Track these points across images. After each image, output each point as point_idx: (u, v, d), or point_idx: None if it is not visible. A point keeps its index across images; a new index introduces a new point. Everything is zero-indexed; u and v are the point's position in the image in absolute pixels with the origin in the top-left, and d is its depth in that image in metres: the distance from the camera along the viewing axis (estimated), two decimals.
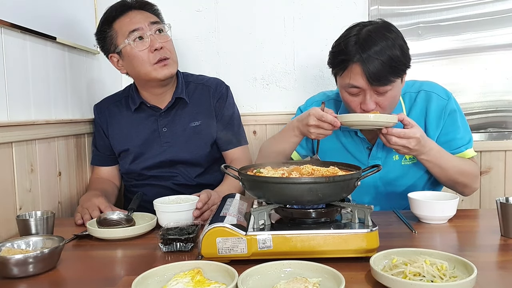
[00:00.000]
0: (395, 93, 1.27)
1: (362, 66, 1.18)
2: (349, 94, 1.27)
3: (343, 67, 1.23)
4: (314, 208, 0.95)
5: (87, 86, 1.76)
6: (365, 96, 1.24)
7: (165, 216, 1.17)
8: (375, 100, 1.24)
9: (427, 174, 1.41)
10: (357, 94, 1.26)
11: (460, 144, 1.37)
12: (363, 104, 1.25)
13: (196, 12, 2.05)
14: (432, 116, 1.37)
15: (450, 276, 0.76)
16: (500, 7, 1.90)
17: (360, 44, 1.19)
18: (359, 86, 1.22)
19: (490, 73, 1.94)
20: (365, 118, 1.17)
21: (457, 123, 1.38)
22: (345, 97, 1.30)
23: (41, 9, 1.44)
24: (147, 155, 1.60)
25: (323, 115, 1.18)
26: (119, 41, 1.49)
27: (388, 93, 1.23)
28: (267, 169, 1.07)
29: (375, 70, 1.17)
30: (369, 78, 1.18)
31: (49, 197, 1.46)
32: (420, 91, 1.40)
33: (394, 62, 1.19)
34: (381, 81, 1.19)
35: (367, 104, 1.23)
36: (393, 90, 1.24)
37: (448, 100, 1.38)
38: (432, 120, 1.37)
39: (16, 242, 0.97)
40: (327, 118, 1.18)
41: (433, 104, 1.37)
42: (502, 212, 1.04)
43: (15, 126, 1.26)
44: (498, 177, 1.97)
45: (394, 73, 1.20)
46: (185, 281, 0.77)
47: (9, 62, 1.27)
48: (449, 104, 1.37)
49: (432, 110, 1.37)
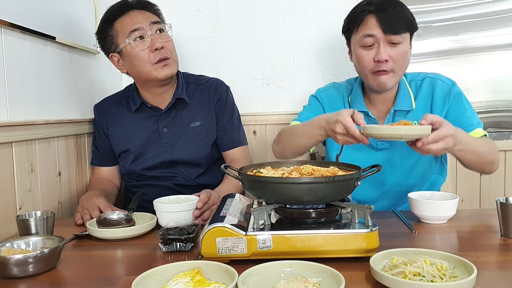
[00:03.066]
0: (405, 49, 1.35)
1: (377, 16, 1.32)
2: (363, 49, 1.35)
3: (360, 21, 1.35)
4: (314, 208, 0.95)
5: (87, 86, 1.76)
6: (378, 48, 1.33)
7: (165, 216, 1.17)
8: (388, 53, 1.32)
9: (432, 163, 1.44)
10: (371, 47, 1.34)
11: (470, 122, 1.37)
12: (377, 56, 1.32)
13: (196, 12, 2.05)
14: (437, 100, 1.41)
15: (450, 276, 0.76)
16: (500, 7, 1.90)
17: (374, 2, 1.34)
18: (374, 34, 1.32)
19: (490, 73, 1.94)
20: (396, 131, 1.05)
21: (464, 104, 1.41)
22: (359, 54, 1.37)
23: (41, 9, 1.44)
24: (148, 155, 1.60)
25: (350, 128, 1.10)
26: (119, 41, 1.49)
27: (400, 47, 1.33)
28: (267, 169, 1.07)
29: (388, 19, 1.31)
30: (383, 26, 1.31)
31: (49, 197, 1.46)
32: (425, 78, 1.47)
33: (405, 15, 1.33)
34: (394, 29, 1.31)
35: (381, 53, 1.32)
36: (404, 45, 1.34)
37: (453, 85, 1.43)
38: (437, 103, 1.41)
39: (16, 242, 0.97)
40: (354, 133, 1.10)
41: (437, 88, 1.43)
42: (502, 212, 1.04)
43: (15, 126, 1.26)
44: (498, 177, 1.97)
45: (405, 25, 1.33)
46: (185, 281, 0.77)
47: (9, 62, 1.27)
48: (453, 88, 1.42)
49: (437, 94, 1.42)
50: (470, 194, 2.02)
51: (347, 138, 1.13)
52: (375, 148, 1.45)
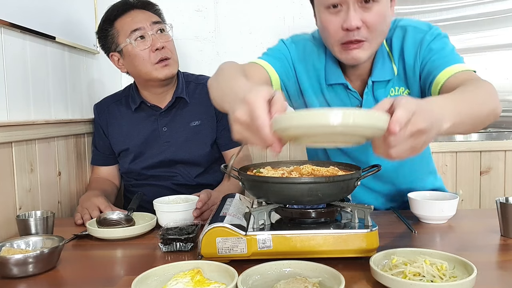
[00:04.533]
0: (383, 10, 1.04)
1: None
2: (328, 11, 1.05)
3: None
4: (314, 208, 0.95)
5: (86, 86, 1.76)
6: (348, 11, 1.01)
7: (165, 216, 1.17)
8: (360, 17, 1.01)
9: None
10: (338, 10, 1.04)
11: (447, 59, 1.06)
12: (345, 22, 1.01)
13: (196, 12, 2.05)
14: (408, 56, 1.10)
15: (450, 276, 0.76)
16: (500, 7, 1.90)
17: None
18: None
19: (490, 73, 1.94)
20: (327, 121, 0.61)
21: (441, 44, 1.09)
22: (323, 19, 1.07)
23: (41, 9, 1.44)
24: (147, 154, 1.60)
25: (258, 118, 0.66)
26: (120, 40, 1.49)
27: (375, 7, 1.02)
28: (267, 169, 1.07)
29: None
30: None
31: (49, 197, 1.46)
32: (396, 28, 1.15)
33: None
34: None
35: (350, 19, 1.00)
36: (381, 4, 1.03)
37: (428, 31, 1.10)
38: (409, 61, 1.11)
39: (16, 242, 0.97)
40: (260, 128, 0.66)
41: (408, 39, 1.11)
42: (502, 212, 1.04)
43: (14, 126, 1.26)
44: (498, 177, 1.97)
45: None
46: (185, 281, 0.77)
47: (8, 61, 1.27)
48: (428, 35, 1.10)
49: (408, 46, 1.10)
50: (470, 194, 2.02)
51: (248, 132, 0.70)
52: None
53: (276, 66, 1.19)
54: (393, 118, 0.63)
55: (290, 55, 1.23)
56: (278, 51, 1.23)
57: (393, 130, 0.63)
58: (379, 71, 1.15)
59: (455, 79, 1.00)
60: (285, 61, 1.21)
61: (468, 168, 1.99)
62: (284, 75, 1.21)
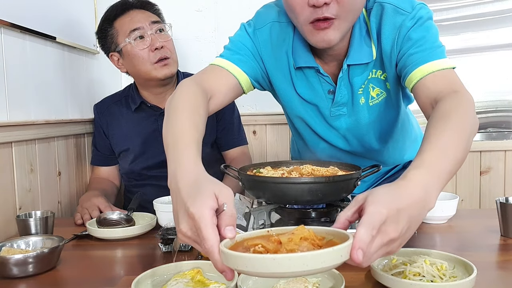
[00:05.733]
0: None
1: None
2: None
3: None
4: (314, 208, 0.95)
5: (86, 86, 1.76)
6: None
7: (165, 216, 1.17)
8: None
9: (400, 110, 1.14)
10: None
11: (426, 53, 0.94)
12: None
13: (196, 12, 2.05)
14: (386, 40, 0.98)
15: (450, 276, 0.75)
16: (500, 7, 1.90)
17: None
18: None
19: (490, 73, 1.94)
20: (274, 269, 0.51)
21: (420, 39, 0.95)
22: None
23: (41, 9, 1.44)
24: (147, 154, 1.60)
25: (206, 240, 0.59)
26: (119, 40, 1.49)
27: None
28: (267, 169, 1.07)
29: None
30: None
31: (49, 197, 1.45)
32: (374, 4, 1.00)
33: None
34: None
35: None
36: None
37: (409, 14, 0.96)
38: (386, 46, 0.98)
39: (15, 242, 0.97)
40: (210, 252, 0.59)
41: (386, 20, 0.97)
42: (502, 212, 1.04)
43: (14, 126, 1.26)
44: (498, 177, 1.97)
45: None
46: (185, 281, 0.77)
47: (8, 62, 1.27)
48: (408, 20, 0.96)
49: (386, 29, 0.97)
50: (470, 194, 2.02)
51: (197, 246, 0.64)
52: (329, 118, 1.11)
53: (243, 64, 1.08)
54: (354, 242, 0.54)
55: (255, 45, 1.11)
56: (241, 44, 1.11)
57: (356, 260, 0.54)
58: (355, 52, 1.01)
59: (430, 80, 0.93)
60: (250, 56, 1.10)
61: (468, 168, 1.98)
62: (252, 71, 1.10)
